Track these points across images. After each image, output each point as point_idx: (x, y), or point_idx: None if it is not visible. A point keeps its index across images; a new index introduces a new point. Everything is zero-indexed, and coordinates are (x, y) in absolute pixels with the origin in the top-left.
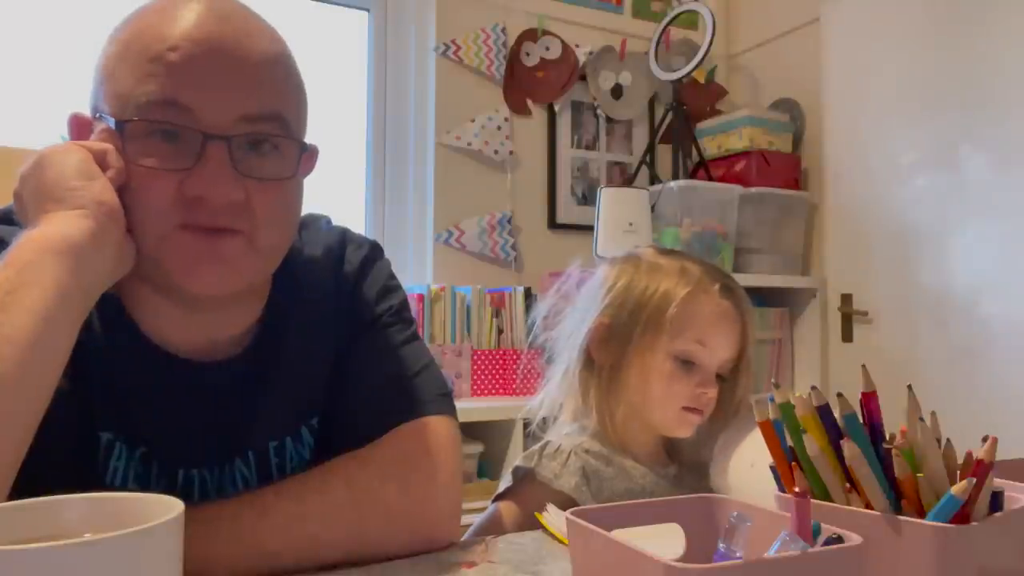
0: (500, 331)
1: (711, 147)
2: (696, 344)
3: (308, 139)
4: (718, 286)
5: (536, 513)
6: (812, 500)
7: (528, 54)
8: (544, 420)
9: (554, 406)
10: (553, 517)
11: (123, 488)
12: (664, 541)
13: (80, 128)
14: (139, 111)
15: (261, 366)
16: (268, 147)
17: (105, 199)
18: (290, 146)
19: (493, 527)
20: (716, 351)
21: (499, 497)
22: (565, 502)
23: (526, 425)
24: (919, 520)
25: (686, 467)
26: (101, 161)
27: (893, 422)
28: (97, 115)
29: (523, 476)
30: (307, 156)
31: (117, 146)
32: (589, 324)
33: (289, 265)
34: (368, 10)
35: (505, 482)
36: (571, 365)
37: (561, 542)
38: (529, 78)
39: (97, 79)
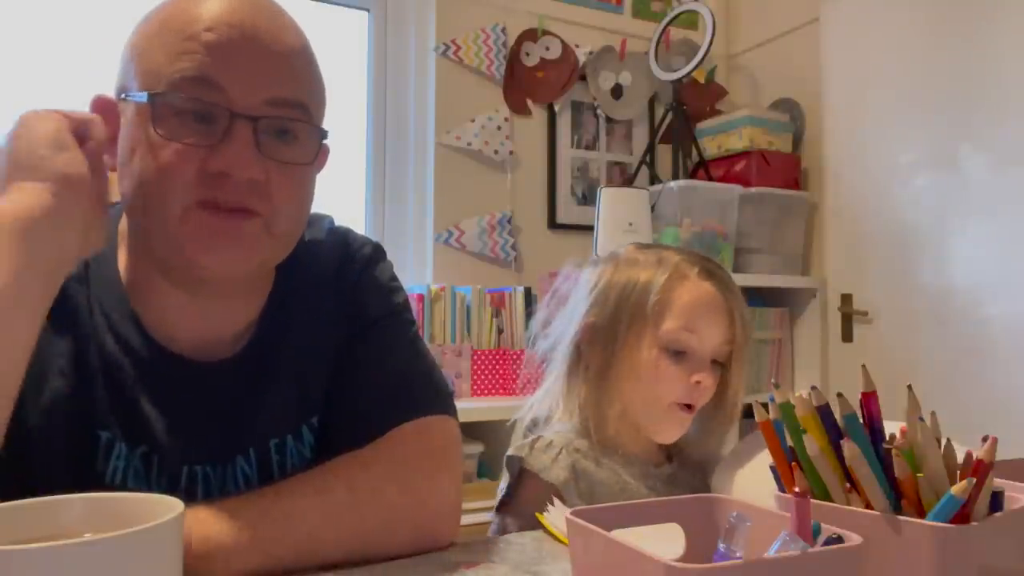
0: (500, 331)
1: (711, 147)
2: (683, 331)
3: None
4: (697, 269)
5: (536, 513)
6: (812, 500)
7: (528, 54)
8: (535, 423)
9: (546, 410)
10: (554, 517)
11: (123, 487)
12: (664, 541)
13: (104, 110)
14: (171, 87)
15: (262, 364)
16: (291, 136)
17: (70, 172)
18: (311, 134)
19: None
20: (704, 335)
21: (502, 505)
22: (554, 494)
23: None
24: (919, 520)
25: (684, 465)
26: (82, 131)
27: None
28: (123, 96)
29: (517, 474)
30: (323, 149)
31: (142, 123)
32: (576, 326)
33: (292, 263)
34: (368, 10)
35: (504, 479)
36: (561, 369)
37: (561, 542)
38: (529, 78)
39: (126, 58)
